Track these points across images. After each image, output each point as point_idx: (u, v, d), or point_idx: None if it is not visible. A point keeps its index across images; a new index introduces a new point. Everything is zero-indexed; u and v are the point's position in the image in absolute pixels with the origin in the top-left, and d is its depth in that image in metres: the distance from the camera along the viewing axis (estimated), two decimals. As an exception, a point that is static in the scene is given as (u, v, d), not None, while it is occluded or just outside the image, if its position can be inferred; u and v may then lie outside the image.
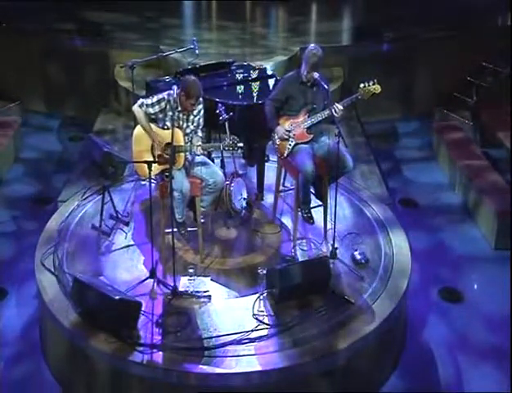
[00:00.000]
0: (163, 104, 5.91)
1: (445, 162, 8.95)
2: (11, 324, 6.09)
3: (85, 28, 10.74)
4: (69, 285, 5.58)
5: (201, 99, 5.99)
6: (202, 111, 6.05)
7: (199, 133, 6.07)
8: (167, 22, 11.58)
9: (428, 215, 7.94)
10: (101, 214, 6.47)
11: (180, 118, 5.94)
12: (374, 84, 6.02)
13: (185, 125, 5.97)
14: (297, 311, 5.48)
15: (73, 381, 5.49)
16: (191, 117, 5.98)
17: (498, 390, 5.48)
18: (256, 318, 5.39)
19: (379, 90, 6.01)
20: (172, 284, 5.60)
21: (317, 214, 6.40)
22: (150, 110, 5.93)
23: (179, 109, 5.91)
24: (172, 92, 5.91)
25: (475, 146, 9.05)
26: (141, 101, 6.00)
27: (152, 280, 5.66)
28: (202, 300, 5.58)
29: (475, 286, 6.74)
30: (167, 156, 5.85)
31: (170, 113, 5.90)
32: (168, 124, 5.91)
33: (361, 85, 6.01)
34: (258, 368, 4.99)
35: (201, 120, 6.06)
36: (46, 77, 10.29)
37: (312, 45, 6.15)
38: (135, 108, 6.00)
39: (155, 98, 5.95)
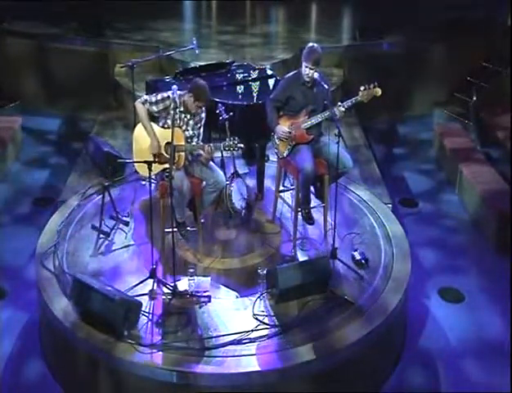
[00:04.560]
0: (167, 102, 5.88)
1: (445, 162, 8.95)
2: (11, 324, 6.08)
3: (85, 28, 10.76)
4: (69, 285, 5.58)
5: (204, 108, 5.98)
6: (203, 121, 6.04)
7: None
8: (167, 22, 11.60)
9: (428, 215, 7.95)
10: (101, 214, 6.47)
11: (181, 119, 5.94)
12: (374, 87, 5.99)
13: (184, 127, 5.96)
14: (297, 311, 5.48)
15: (73, 381, 5.48)
16: (191, 122, 5.98)
17: (498, 389, 5.48)
18: (256, 318, 5.39)
19: (380, 93, 5.98)
20: (172, 284, 5.60)
21: (317, 214, 6.41)
22: (154, 108, 5.91)
23: (181, 109, 5.90)
24: (174, 91, 5.90)
25: (475, 146, 9.05)
26: (144, 97, 5.97)
27: (152, 280, 5.66)
28: (202, 300, 5.57)
29: (475, 287, 6.73)
30: (167, 156, 5.85)
31: (172, 112, 5.86)
32: (169, 121, 5.89)
33: (362, 88, 5.98)
34: (258, 368, 4.99)
35: (201, 130, 6.05)
36: (46, 77, 10.30)
37: (311, 44, 6.15)
38: (137, 104, 5.97)
39: (159, 96, 5.92)
